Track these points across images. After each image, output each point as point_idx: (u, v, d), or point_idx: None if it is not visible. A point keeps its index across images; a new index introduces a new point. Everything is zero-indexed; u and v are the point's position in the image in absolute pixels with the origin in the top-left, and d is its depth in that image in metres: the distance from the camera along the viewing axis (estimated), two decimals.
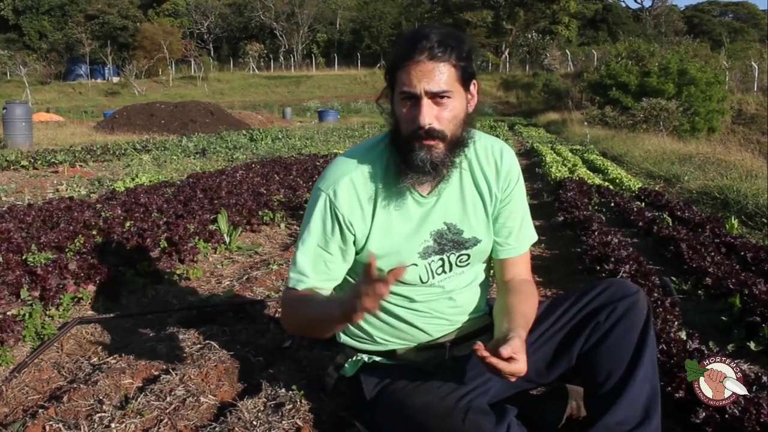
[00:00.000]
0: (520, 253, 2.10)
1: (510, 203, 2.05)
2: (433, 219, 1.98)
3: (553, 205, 7.08)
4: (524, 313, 1.94)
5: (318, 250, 1.98)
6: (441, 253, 2.00)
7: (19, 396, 2.53)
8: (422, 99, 1.79)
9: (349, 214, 1.94)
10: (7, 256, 3.67)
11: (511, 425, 1.76)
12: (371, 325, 2.09)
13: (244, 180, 7.40)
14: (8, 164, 10.82)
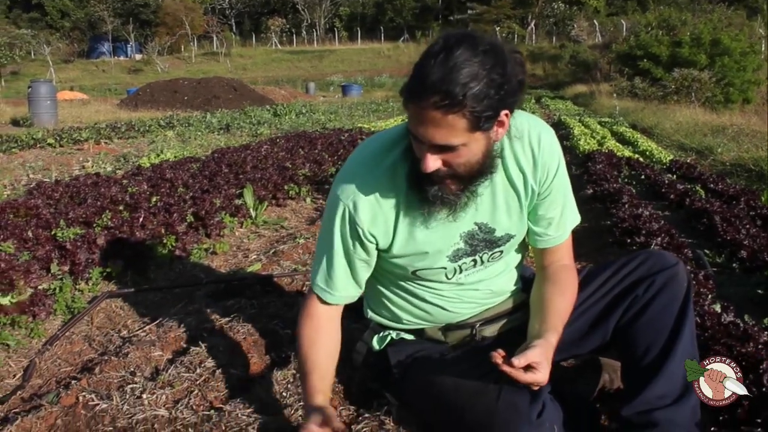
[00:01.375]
0: (561, 242, 1.98)
1: (550, 195, 1.89)
2: (463, 221, 1.85)
3: (581, 178, 7.03)
4: (559, 309, 1.88)
5: (341, 261, 1.90)
6: (473, 254, 1.92)
7: (52, 368, 2.58)
8: (424, 147, 1.63)
9: (369, 225, 1.84)
10: (36, 232, 3.72)
11: (546, 403, 1.74)
12: (397, 306, 2.07)
13: (269, 155, 7.42)
14: (35, 142, 10.92)
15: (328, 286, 1.93)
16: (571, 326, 1.95)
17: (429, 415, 1.94)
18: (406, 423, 1.95)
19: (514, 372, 1.63)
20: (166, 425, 1.98)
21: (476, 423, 1.74)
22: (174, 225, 3.99)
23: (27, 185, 6.23)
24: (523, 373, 1.64)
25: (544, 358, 1.68)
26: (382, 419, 1.96)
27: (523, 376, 1.64)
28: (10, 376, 2.52)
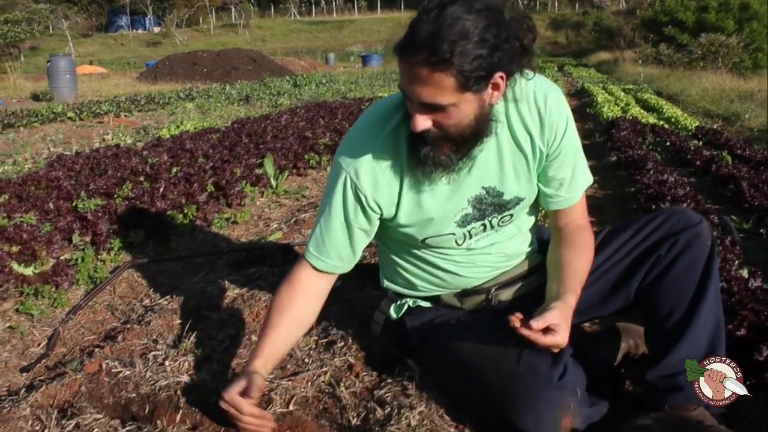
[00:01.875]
0: (574, 203, 1.94)
1: (559, 156, 1.85)
2: (469, 185, 1.83)
3: (605, 145, 6.98)
4: (577, 270, 1.86)
5: (340, 231, 1.88)
6: (482, 219, 1.89)
7: (76, 336, 2.61)
8: (414, 105, 1.61)
9: (373, 192, 1.82)
10: (57, 203, 3.75)
11: (567, 366, 1.74)
12: (411, 274, 2.06)
13: (289, 124, 7.41)
14: (55, 116, 10.99)
15: (320, 252, 1.91)
16: (592, 287, 1.93)
17: (449, 381, 1.94)
18: (428, 388, 1.94)
19: (533, 335, 1.62)
20: (188, 392, 1.99)
21: (497, 387, 1.74)
22: (195, 195, 4.00)
23: (48, 158, 6.27)
24: (542, 336, 1.63)
25: (563, 319, 1.66)
26: (405, 384, 1.96)
27: (543, 338, 1.63)
28: (34, 344, 2.55)
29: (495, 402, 1.74)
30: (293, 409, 1.89)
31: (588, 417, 1.76)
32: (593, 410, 1.78)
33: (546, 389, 1.68)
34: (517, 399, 1.69)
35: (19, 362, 2.41)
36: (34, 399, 1.96)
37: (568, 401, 1.69)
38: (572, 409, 1.70)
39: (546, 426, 1.67)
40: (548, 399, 1.67)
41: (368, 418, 1.85)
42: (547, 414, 1.67)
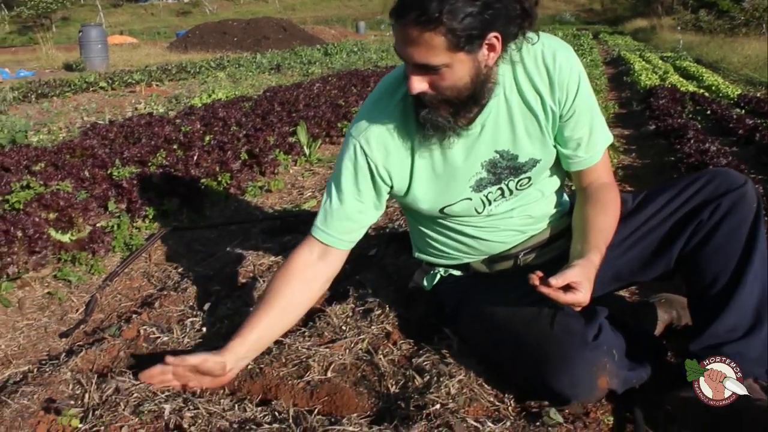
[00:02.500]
0: (594, 163, 1.90)
1: (573, 115, 1.81)
2: (482, 149, 1.81)
3: (643, 114, 6.88)
4: (602, 228, 1.81)
5: (350, 201, 1.88)
6: (498, 183, 1.86)
7: (113, 303, 2.63)
8: (409, 67, 1.61)
9: (384, 161, 1.83)
10: (93, 171, 3.77)
11: (603, 327, 1.71)
12: (439, 243, 2.06)
13: (321, 93, 7.38)
14: (87, 86, 11.08)
15: (327, 225, 1.90)
16: (630, 252, 1.90)
17: (485, 347, 1.93)
18: (467, 357, 1.93)
19: (552, 292, 1.59)
20: None
21: (531, 349, 1.72)
22: (228, 163, 4.01)
23: (81, 127, 6.33)
24: (562, 294, 1.60)
25: (585, 277, 1.63)
26: (443, 352, 1.95)
27: (563, 296, 1.60)
28: (72, 310, 2.58)
29: (530, 365, 1.73)
30: (331, 377, 1.89)
31: (626, 380, 1.72)
32: (632, 374, 1.74)
33: (581, 349, 1.66)
34: (551, 360, 1.67)
35: (58, 327, 2.44)
36: (74, 363, 1.99)
37: (604, 361, 1.67)
38: (608, 369, 1.67)
39: (581, 386, 1.66)
40: (583, 359, 1.65)
41: (407, 385, 1.84)
42: (582, 374, 1.65)
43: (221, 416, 1.73)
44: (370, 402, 1.82)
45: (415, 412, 1.70)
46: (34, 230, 2.75)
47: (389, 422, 1.69)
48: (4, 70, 14.43)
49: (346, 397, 1.82)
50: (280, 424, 1.67)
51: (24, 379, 1.95)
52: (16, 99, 9.23)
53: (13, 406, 1.76)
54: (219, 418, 1.72)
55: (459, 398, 1.74)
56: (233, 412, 1.75)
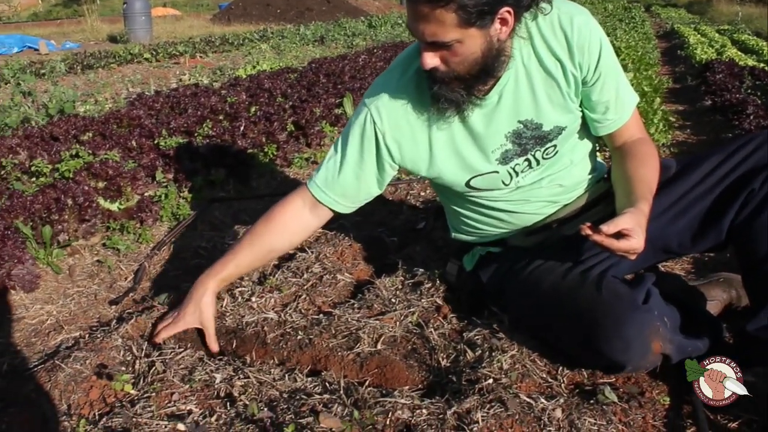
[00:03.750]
0: (623, 123, 1.88)
1: (599, 78, 1.79)
2: (503, 120, 1.80)
3: (698, 89, 6.74)
4: (644, 178, 1.77)
5: (351, 168, 1.89)
6: (524, 154, 1.85)
7: (161, 272, 2.67)
8: (421, 43, 1.61)
9: (393, 133, 1.83)
10: (140, 141, 3.81)
11: (651, 292, 1.69)
12: (474, 220, 2.05)
13: (366, 65, 7.36)
14: (132, 57, 11.19)
15: (326, 185, 1.93)
16: (677, 222, 1.86)
17: (533, 321, 1.91)
18: (519, 332, 1.91)
19: (606, 240, 1.57)
20: (275, 327, 2.01)
21: (581, 316, 1.71)
22: (275, 134, 4.01)
23: (127, 98, 6.39)
24: (615, 241, 1.57)
25: (636, 224, 1.59)
26: (494, 327, 1.94)
27: (616, 243, 1.57)
28: (121, 278, 2.62)
29: (580, 332, 1.71)
30: (381, 349, 1.89)
31: (681, 347, 1.69)
32: (688, 342, 1.71)
33: (631, 311, 1.64)
34: (602, 325, 1.65)
35: (107, 295, 2.48)
36: (124, 330, 2.01)
37: (657, 325, 1.64)
38: (661, 333, 1.64)
39: (634, 350, 1.63)
40: (635, 321, 1.63)
41: (458, 359, 1.84)
42: (634, 337, 1.62)
43: (271, 386, 1.74)
44: (421, 375, 1.82)
45: (467, 387, 1.69)
46: (84, 198, 2.79)
47: (440, 396, 1.69)
48: (50, 42, 14.63)
49: (396, 369, 1.82)
50: (330, 395, 1.68)
51: (76, 345, 1.99)
52: (62, 71, 9.37)
53: (66, 371, 1.79)
54: (269, 387, 1.74)
55: (511, 373, 1.73)
56: (283, 381, 1.76)
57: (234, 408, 1.65)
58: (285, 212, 1.99)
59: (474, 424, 1.53)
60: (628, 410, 1.63)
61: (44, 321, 2.29)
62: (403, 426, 1.56)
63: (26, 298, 2.42)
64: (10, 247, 2.40)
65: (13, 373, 1.95)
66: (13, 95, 6.39)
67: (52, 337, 2.17)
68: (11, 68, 8.95)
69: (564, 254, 1.89)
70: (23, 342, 2.16)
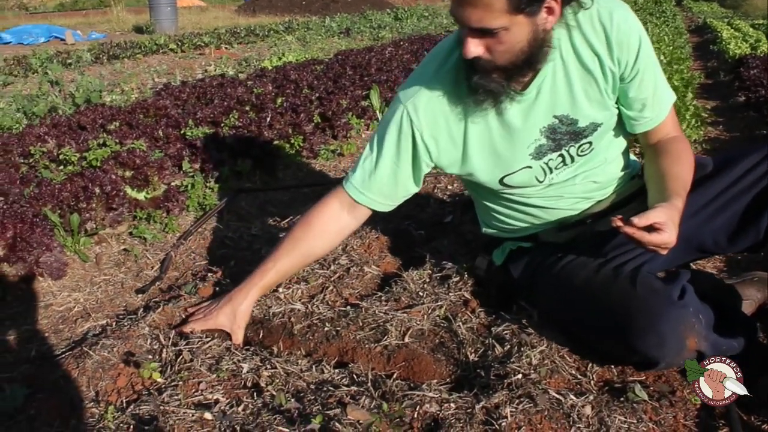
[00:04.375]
0: (660, 121, 1.86)
1: (637, 75, 1.76)
2: (539, 115, 1.77)
3: (731, 85, 6.65)
4: (678, 175, 1.75)
5: (388, 166, 1.87)
6: (558, 149, 1.82)
7: (187, 261, 2.68)
8: (465, 30, 1.57)
9: (430, 130, 1.80)
10: (166, 131, 3.83)
11: (687, 289, 1.66)
12: (504, 215, 2.04)
13: (393, 57, 7.35)
14: (157, 48, 11.28)
15: (363, 185, 1.91)
16: (713, 221, 1.83)
17: (564, 316, 1.90)
18: (548, 328, 1.90)
19: (637, 233, 1.55)
20: (302, 318, 2.02)
21: (614, 311, 1.69)
22: (301, 125, 4.02)
23: (153, 88, 6.44)
24: (647, 234, 1.55)
25: (668, 218, 1.57)
26: (523, 322, 1.93)
27: (648, 236, 1.55)
28: (148, 267, 2.64)
29: (613, 328, 1.69)
30: (409, 342, 1.89)
31: (716, 344, 1.66)
32: (723, 341, 1.68)
33: (667, 307, 1.62)
34: (636, 320, 1.63)
35: (134, 284, 2.50)
36: (151, 319, 2.03)
37: (692, 321, 1.62)
38: (697, 330, 1.62)
39: (669, 346, 1.61)
40: (670, 316, 1.61)
41: (486, 354, 1.83)
42: (670, 333, 1.60)
43: (299, 376, 1.74)
44: (449, 369, 1.81)
45: (496, 381, 1.68)
46: (111, 187, 2.81)
47: (468, 390, 1.68)
48: (76, 33, 14.78)
49: (423, 363, 1.82)
50: (358, 386, 1.68)
51: (103, 332, 2.01)
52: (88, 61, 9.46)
53: (94, 358, 1.81)
54: (296, 378, 1.74)
55: (541, 369, 1.72)
56: (310, 372, 1.76)
57: (261, 398, 1.65)
58: (323, 215, 1.98)
59: (502, 420, 1.52)
60: (659, 409, 1.62)
61: (71, 308, 2.31)
62: (431, 420, 1.56)
63: (54, 286, 2.45)
64: (39, 235, 2.42)
65: (41, 360, 1.97)
66: (41, 84, 6.46)
67: (80, 325, 2.19)
68: (39, 58, 9.05)
69: (596, 250, 1.87)
70: (51, 329, 2.18)
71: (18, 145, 3.51)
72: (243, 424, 1.55)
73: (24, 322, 2.22)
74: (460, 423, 1.52)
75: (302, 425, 1.51)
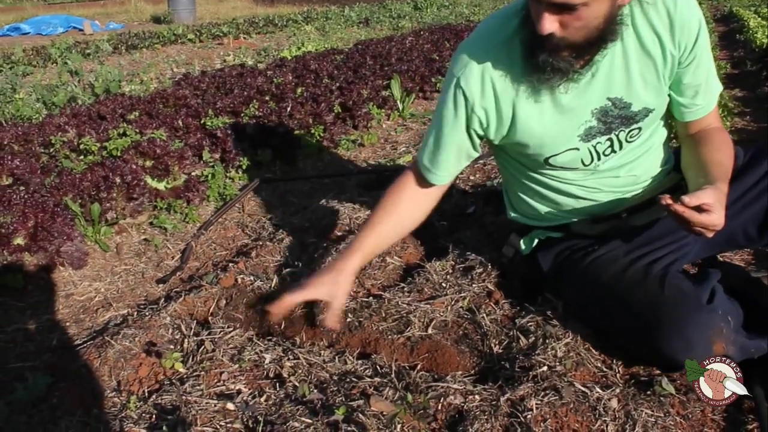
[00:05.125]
0: (709, 111, 1.83)
1: (694, 60, 1.72)
2: (593, 96, 1.72)
3: (759, 74, 6.56)
4: (720, 162, 1.72)
5: (450, 139, 1.84)
6: (608, 133, 1.78)
7: (208, 252, 2.68)
8: (542, 6, 1.51)
9: (481, 101, 1.76)
10: (186, 120, 3.84)
11: (717, 290, 1.64)
12: (537, 201, 2.00)
13: (413, 47, 7.32)
14: (176, 38, 11.32)
15: (432, 165, 1.89)
16: (743, 214, 1.81)
17: (591, 311, 1.87)
18: (573, 320, 1.88)
19: (687, 212, 1.52)
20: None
21: (641, 313, 1.67)
22: (322, 115, 4.01)
23: (172, 78, 6.46)
24: (696, 214, 1.52)
25: (716, 200, 1.54)
26: (548, 314, 1.91)
27: (697, 216, 1.52)
28: (168, 257, 2.65)
29: (640, 329, 1.67)
30: (432, 333, 1.88)
31: (744, 348, 1.64)
32: (751, 342, 1.66)
33: (695, 312, 1.60)
34: (663, 323, 1.61)
35: (154, 273, 2.51)
36: (173, 309, 2.04)
37: (720, 326, 1.60)
38: (725, 334, 1.60)
39: (696, 351, 1.58)
40: (698, 322, 1.59)
41: (511, 346, 1.82)
42: (697, 338, 1.58)
43: (321, 367, 1.74)
44: (472, 361, 1.81)
45: (521, 374, 1.68)
46: (132, 177, 2.82)
47: (493, 382, 1.68)
48: (94, 23, 14.87)
49: (447, 354, 1.81)
50: (381, 378, 1.68)
51: (124, 322, 2.02)
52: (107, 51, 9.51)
53: (116, 347, 1.82)
54: (319, 369, 1.74)
55: (566, 361, 1.71)
56: (333, 363, 1.76)
57: (283, 389, 1.66)
58: (403, 189, 1.95)
59: (528, 412, 1.52)
60: (686, 403, 1.60)
61: (92, 298, 2.32)
62: (455, 412, 1.56)
63: (74, 275, 2.46)
64: (60, 224, 2.44)
65: (63, 349, 1.98)
66: (60, 74, 6.51)
67: (101, 314, 2.21)
68: (58, 48, 9.12)
69: (628, 245, 1.84)
70: (72, 318, 2.20)
71: (38, 135, 3.54)
72: (265, 415, 1.55)
73: (45, 311, 2.24)
74: (485, 415, 1.52)
75: (325, 416, 1.51)
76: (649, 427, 1.50)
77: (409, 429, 1.49)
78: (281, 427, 1.48)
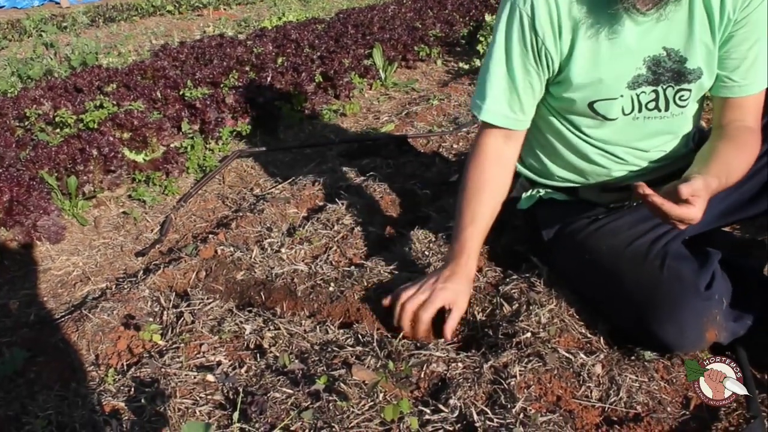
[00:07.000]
0: (746, 95, 1.73)
1: (744, 26, 1.64)
2: (650, 42, 1.65)
3: None
4: (728, 162, 1.65)
5: (518, 77, 1.74)
6: (655, 84, 1.70)
7: (188, 224, 2.66)
8: None
9: (547, 31, 1.67)
10: (165, 92, 3.79)
11: (716, 275, 1.62)
12: (552, 160, 1.95)
13: (396, 15, 7.24)
14: (154, 10, 11.16)
15: (503, 108, 1.78)
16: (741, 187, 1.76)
17: (583, 283, 1.85)
18: (557, 286, 1.87)
19: (666, 204, 1.44)
20: (305, 279, 2.00)
21: (637, 293, 1.65)
22: (302, 85, 3.97)
23: (150, 50, 6.36)
24: (675, 206, 1.45)
25: (698, 193, 1.46)
26: (532, 281, 1.90)
27: (676, 208, 1.45)
28: (147, 230, 2.62)
29: (634, 309, 1.66)
30: None
31: (734, 332, 1.64)
32: (739, 325, 1.65)
33: (692, 298, 1.58)
34: (659, 307, 1.60)
35: (133, 246, 2.48)
36: (152, 281, 2.02)
37: (715, 313, 1.59)
38: (718, 321, 1.60)
39: (689, 337, 1.59)
40: (694, 308, 1.58)
41: (494, 313, 1.81)
42: (691, 325, 1.58)
43: (302, 337, 1.73)
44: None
45: (504, 340, 1.67)
46: (109, 149, 2.78)
47: (476, 349, 1.67)
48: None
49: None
50: (363, 347, 1.67)
51: (103, 296, 2.00)
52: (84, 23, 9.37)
53: (94, 321, 1.80)
54: (300, 339, 1.73)
55: (550, 328, 1.70)
56: (315, 333, 1.75)
57: (264, 359, 1.64)
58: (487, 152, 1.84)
59: (511, 378, 1.51)
60: (671, 367, 1.60)
61: (70, 272, 2.30)
62: (438, 379, 1.55)
63: (52, 250, 2.44)
64: (36, 198, 2.40)
65: (41, 324, 1.96)
66: (35, 47, 6.41)
67: (79, 288, 2.18)
68: (33, 20, 8.97)
69: (633, 217, 1.81)
70: (50, 293, 2.17)
71: (13, 108, 3.48)
72: (246, 386, 1.54)
73: (22, 286, 2.22)
74: (468, 382, 1.51)
75: (306, 386, 1.50)
76: (634, 392, 1.50)
77: (391, 397, 1.48)
78: (262, 398, 1.47)
